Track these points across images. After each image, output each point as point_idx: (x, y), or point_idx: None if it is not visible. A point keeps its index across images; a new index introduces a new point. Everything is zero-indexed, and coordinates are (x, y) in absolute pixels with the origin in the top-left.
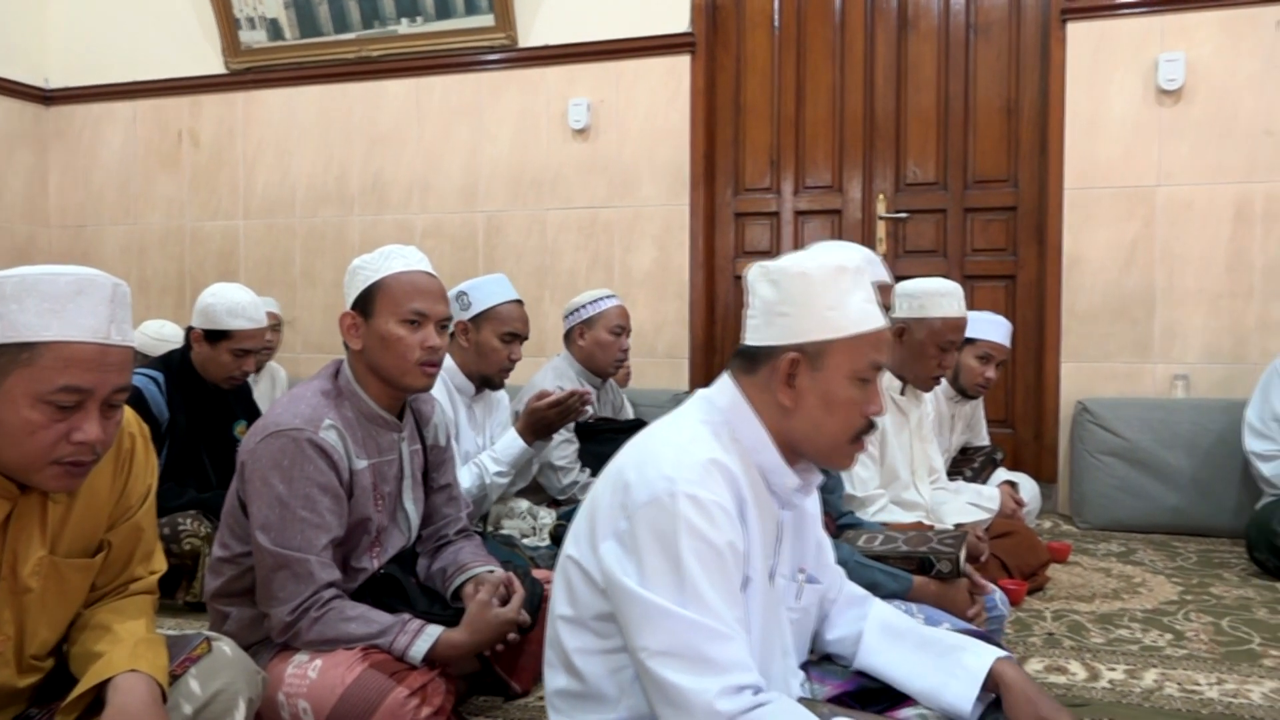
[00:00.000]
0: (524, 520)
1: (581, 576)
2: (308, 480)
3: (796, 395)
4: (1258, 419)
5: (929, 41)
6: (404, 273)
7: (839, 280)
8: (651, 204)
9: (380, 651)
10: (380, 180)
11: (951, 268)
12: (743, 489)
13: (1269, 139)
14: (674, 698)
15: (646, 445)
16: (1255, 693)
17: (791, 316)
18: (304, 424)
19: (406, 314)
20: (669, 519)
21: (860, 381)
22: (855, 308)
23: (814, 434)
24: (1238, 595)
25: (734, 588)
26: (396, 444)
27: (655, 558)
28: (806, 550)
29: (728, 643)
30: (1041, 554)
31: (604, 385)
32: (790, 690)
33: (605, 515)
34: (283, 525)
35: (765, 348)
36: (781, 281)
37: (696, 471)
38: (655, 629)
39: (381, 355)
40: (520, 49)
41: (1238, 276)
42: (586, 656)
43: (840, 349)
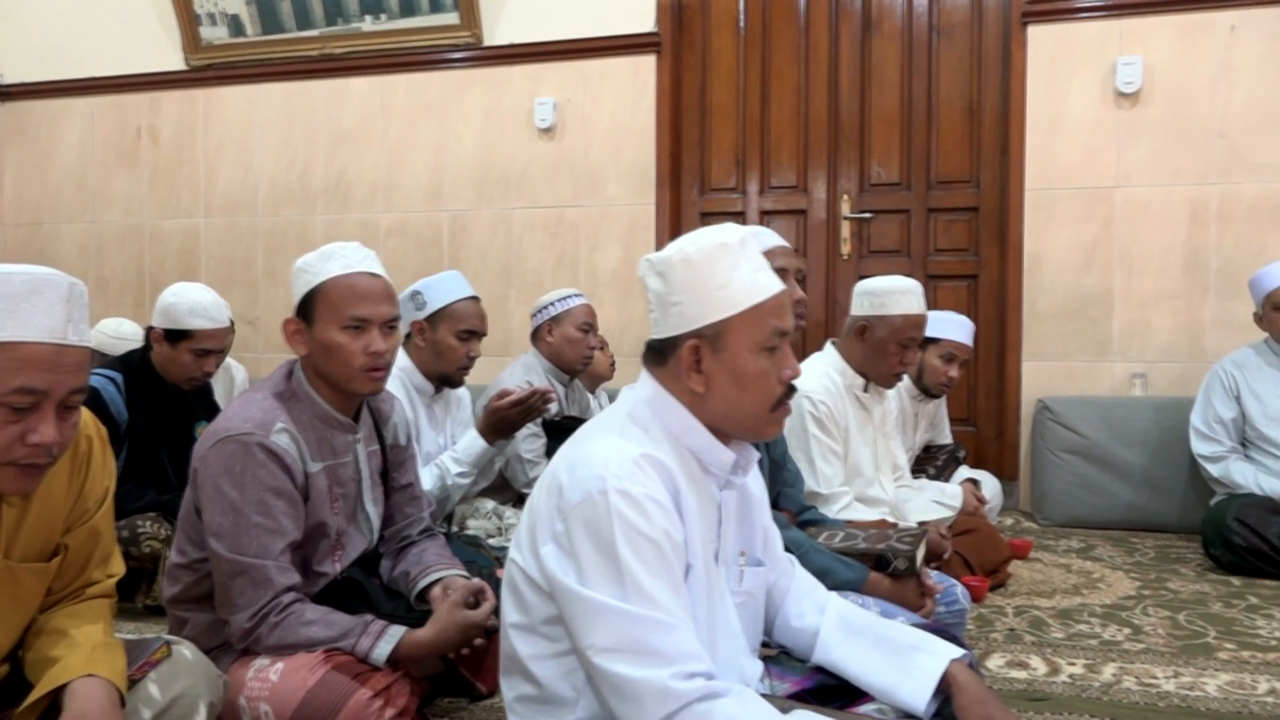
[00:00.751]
0: (489, 520)
1: (527, 582)
2: (260, 485)
3: (706, 379)
4: (1202, 423)
5: (892, 43)
6: (343, 276)
7: (722, 258)
8: (617, 203)
9: (343, 654)
10: (344, 179)
11: (915, 267)
12: (676, 479)
13: (1223, 142)
14: (626, 690)
15: (577, 447)
16: (1210, 685)
17: (683, 304)
18: (255, 428)
19: (347, 320)
20: (603, 516)
21: (767, 351)
22: (743, 281)
23: (733, 412)
24: (1194, 590)
25: (676, 577)
26: (352, 446)
27: (593, 556)
28: (753, 534)
29: (674, 633)
30: (1003, 551)
31: (571, 383)
32: (745, 675)
33: (543, 519)
34: (237, 532)
35: (668, 339)
36: (666, 272)
37: (626, 467)
38: (600, 626)
39: (326, 362)
40: (486, 47)
41: (1193, 276)
42: (540, 661)
43: (738, 325)
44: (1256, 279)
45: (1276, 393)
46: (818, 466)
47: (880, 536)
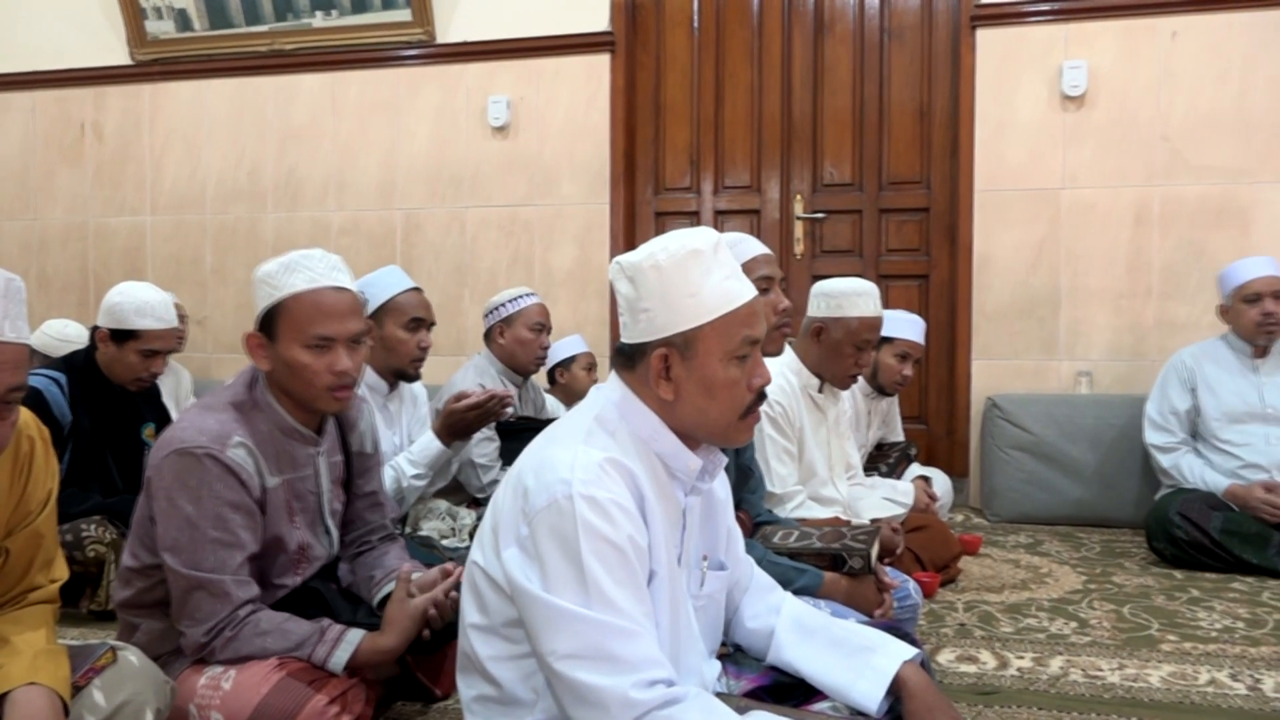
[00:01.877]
0: (443, 521)
1: (489, 584)
2: (217, 499)
3: (675, 386)
4: (1157, 413)
5: (845, 45)
6: (307, 292)
7: (694, 264)
8: (572, 202)
9: (298, 661)
10: (294, 176)
11: (867, 267)
12: (641, 484)
13: (1165, 145)
14: (587, 697)
15: (543, 449)
16: (1154, 676)
17: (653, 311)
18: (210, 441)
19: (310, 340)
20: (568, 521)
21: (738, 359)
22: (715, 289)
23: (701, 419)
24: (1138, 583)
25: (639, 584)
26: (313, 459)
27: (557, 561)
28: (716, 537)
29: (636, 640)
30: (954, 547)
31: (525, 384)
32: (704, 678)
33: (507, 521)
34: (194, 547)
35: (637, 345)
36: (636, 277)
37: (592, 472)
38: (562, 632)
39: (290, 381)
40: (438, 45)
41: (1137, 277)
42: (499, 663)
43: (708, 334)
44: (1228, 272)
45: (1232, 388)
46: (772, 467)
47: (834, 535)
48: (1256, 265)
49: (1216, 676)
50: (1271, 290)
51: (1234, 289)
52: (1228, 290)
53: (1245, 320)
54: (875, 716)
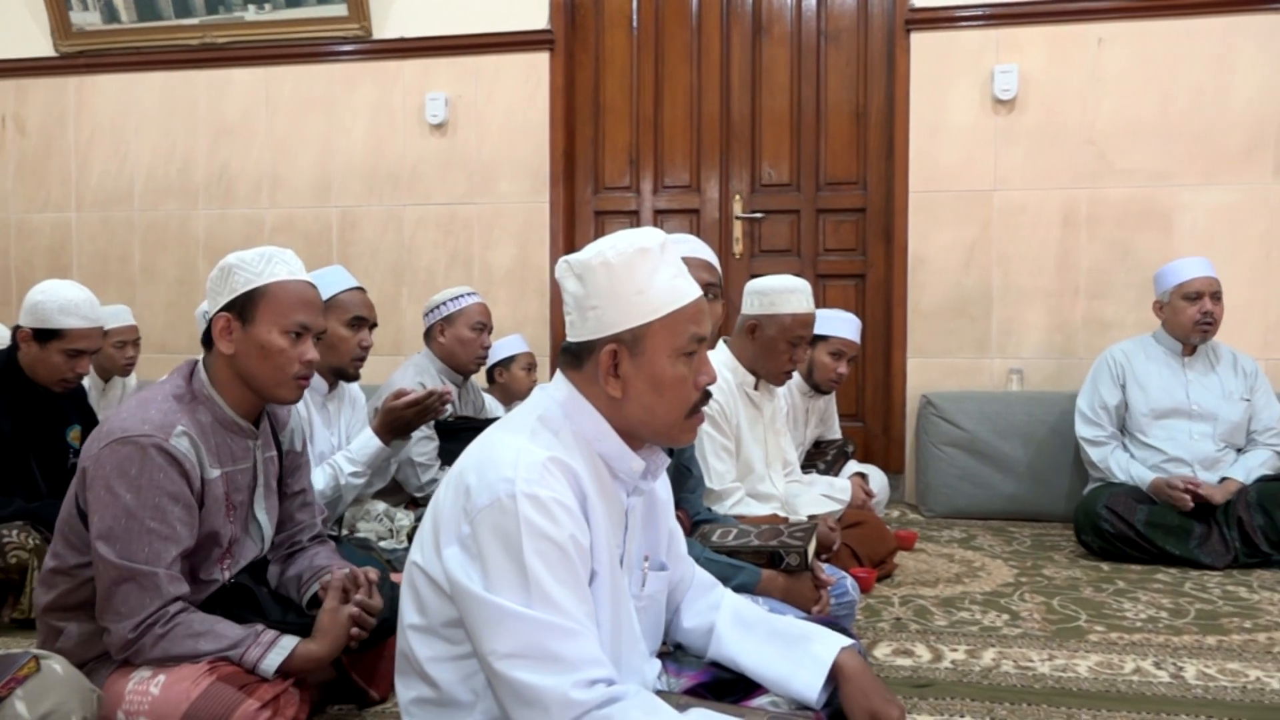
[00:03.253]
0: (380, 522)
1: (428, 584)
2: (157, 489)
3: (623, 384)
4: (1088, 407)
5: (782, 46)
6: (289, 281)
7: (642, 262)
8: (511, 201)
9: (229, 664)
10: (227, 172)
11: (805, 267)
12: (584, 484)
13: (1092, 148)
14: (528, 697)
15: (485, 448)
16: (1082, 666)
17: (601, 308)
18: (154, 430)
19: (291, 326)
20: (510, 520)
21: (685, 356)
22: (663, 287)
23: (649, 417)
24: (1067, 576)
25: (581, 583)
26: (251, 451)
27: (499, 560)
28: (658, 538)
29: (577, 639)
30: (890, 542)
31: (465, 383)
32: (646, 679)
33: (448, 520)
34: (129, 536)
35: (585, 343)
36: (585, 275)
37: (535, 471)
38: (503, 631)
39: (257, 364)
40: (375, 40)
41: (1065, 276)
42: (438, 664)
43: (656, 331)
44: (1167, 270)
45: (1161, 384)
46: (710, 464)
47: (772, 532)
48: (1196, 265)
49: (1141, 665)
50: (1211, 290)
51: (1174, 286)
52: (1166, 287)
53: (1183, 318)
54: (815, 707)
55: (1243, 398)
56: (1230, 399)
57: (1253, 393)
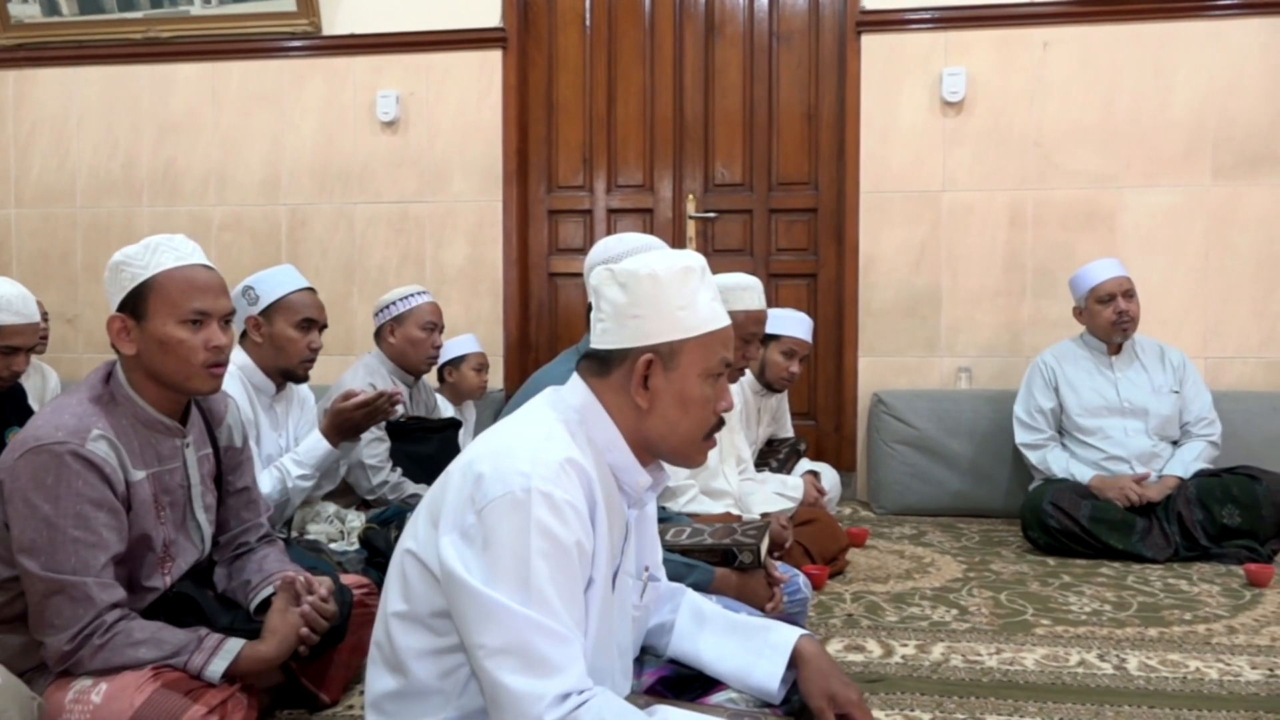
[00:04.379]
0: (331, 524)
1: (419, 570)
2: (77, 497)
3: (652, 395)
4: (1025, 413)
5: (735, 47)
6: (178, 268)
7: (688, 280)
8: (464, 199)
9: (174, 670)
10: (172, 169)
11: (757, 266)
12: (595, 490)
13: (1037, 150)
14: (504, 700)
15: (502, 439)
16: (1029, 659)
17: (644, 318)
18: (68, 436)
19: (187, 314)
20: (521, 515)
21: (712, 378)
22: (704, 307)
23: (669, 433)
24: (1014, 571)
25: (577, 589)
26: (180, 450)
27: (503, 554)
28: (647, 548)
29: (565, 645)
30: (841, 539)
31: (416, 383)
32: (620, 689)
33: (452, 507)
34: (53, 548)
35: (619, 350)
36: (630, 284)
37: (552, 469)
38: (495, 626)
39: (161, 360)
40: (324, 37)
41: (1012, 276)
42: (418, 657)
43: (693, 348)
44: (1079, 275)
45: (1090, 384)
46: None
47: (725, 530)
48: (1106, 267)
49: (1086, 657)
50: (1122, 290)
51: (1087, 291)
52: (1081, 292)
53: (1101, 320)
54: (775, 699)
55: (1172, 390)
56: (1160, 393)
57: (1181, 384)
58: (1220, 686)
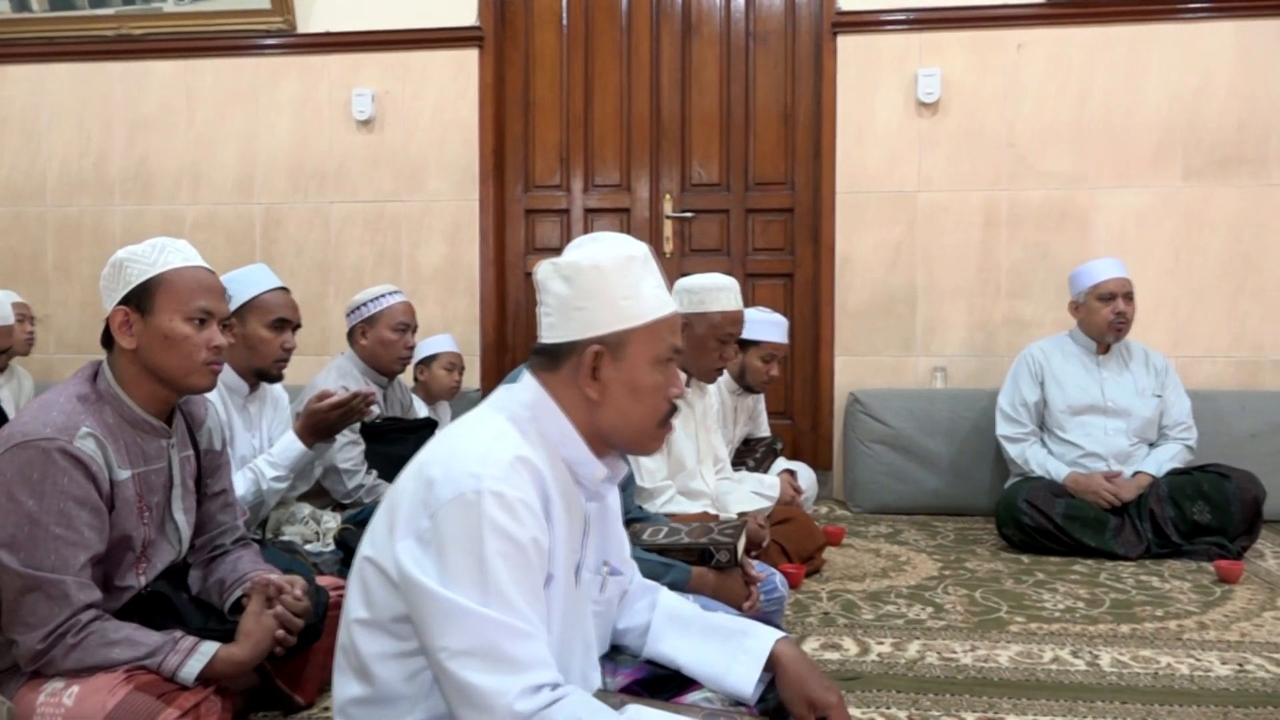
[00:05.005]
0: (306, 525)
1: (379, 577)
2: (62, 494)
3: (602, 386)
4: (1008, 404)
5: (712, 47)
6: (186, 268)
7: (631, 269)
8: (440, 199)
9: (148, 672)
10: (145, 167)
11: (734, 266)
12: (548, 486)
13: (1011, 151)
14: (474, 698)
15: (451, 442)
16: (1003, 656)
17: (589, 310)
18: (56, 433)
19: (193, 312)
20: (474, 516)
21: (661, 365)
22: (650, 295)
23: (623, 423)
24: (989, 568)
25: (537, 585)
26: (165, 451)
27: (458, 556)
28: (610, 543)
29: (529, 641)
30: (818, 538)
31: (391, 384)
32: (590, 684)
33: (406, 513)
34: (33, 544)
35: (566, 343)
36: (575, 277)
37: (502, 468)
38: (456, 628)
39: (164, 355)
40: (300, 34)
41: (987, 276)
42: (383, 661)
43: (640, 336)
44: (1081, 271)
45: (1077, 381)
46: (642, 461)
47: (702, 530)
48: (1109, 266)
49: (1059, 654)
50: (1124, 291)
51: (1089, 287)
52: (1081, 288)
53: (1098, 318)
54: (749, 701)
55: (1154, 394)
56: (1143, 395)
57: (1163, 389)
58: (1191, 682)
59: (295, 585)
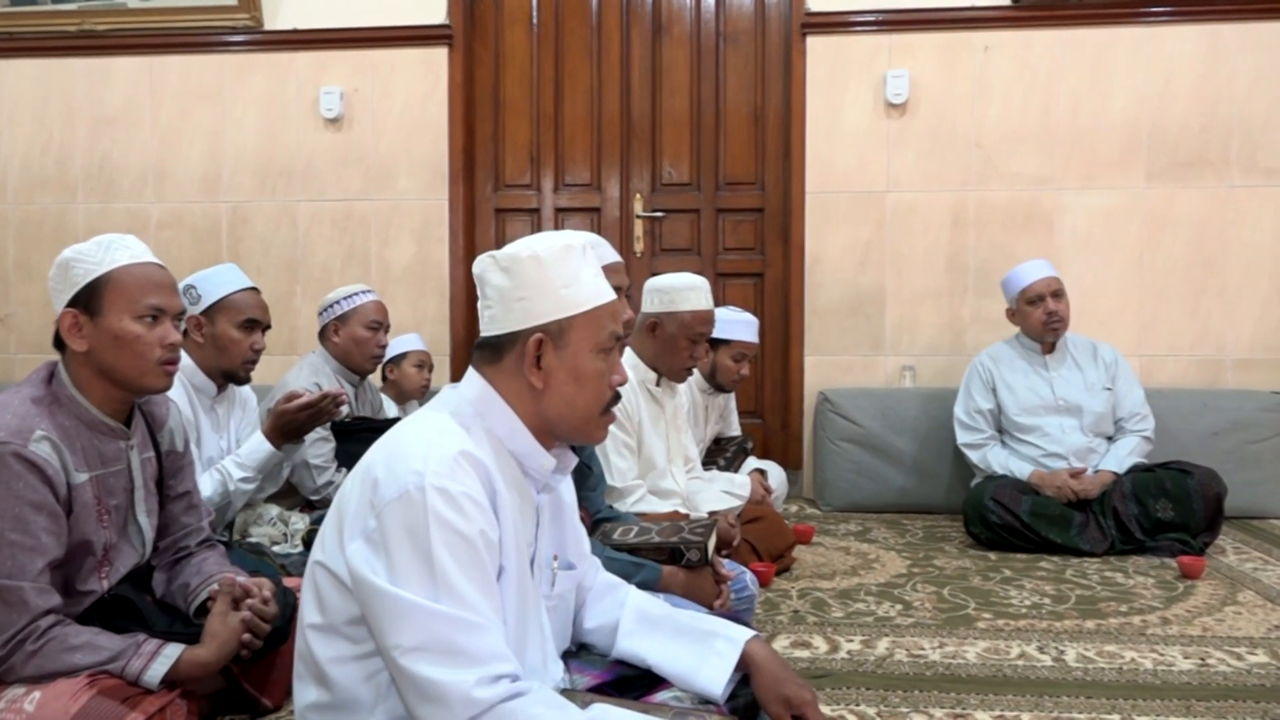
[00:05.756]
0: (274, 527)
1: (331, 581)
2: (17, 499)
3: (546, 375)
4: (964, 414)
5: (682, 47)
6: (134, 265)
7: (569, 259)
8: (410, 197)
9: (111, 677)
10: (108, 165)
11: (705, 265)
12: (494, 479)
13: (979, 152)
14: (430, 692)
15: (394, 442)
16: (971, 653)
17: (530, 300)
18: (10, 436)
19: (143, 310)
20: (419, 513)
21: (603, 353)
22: (589, 283)
23: (568, 411)
24: (957, 566)
25: (489, 578)
26: (124, 453)
27: (406, 553)
28: (565, 537)
29: (483, 634)
30: (788, 537)
31: (361, 383)
32: (551, 678)
33: (353, 515)
34: None
35: (508, 334)
36: (513, 268)
37: (445, 464)
38: (408, 625)
39: (116, 356)
40: (266, 31)
41: (955, 276)
42: (339, 665)
43: (581, 324)
44: (1010, 278)
45: (1027, 384)
46: (613, 461)
47: (673, 529)
48: (1034, 269)
49: (1026, 650)
50: (1051, 290)
51: (1017, 293)
52: (1012, 294)
53: (1032, 321)
54: (719, 701)
55: (1105, 387)
56: (1093, 390)
57: (1114, 381)
58: (1154, 676)
59: (262, 587)
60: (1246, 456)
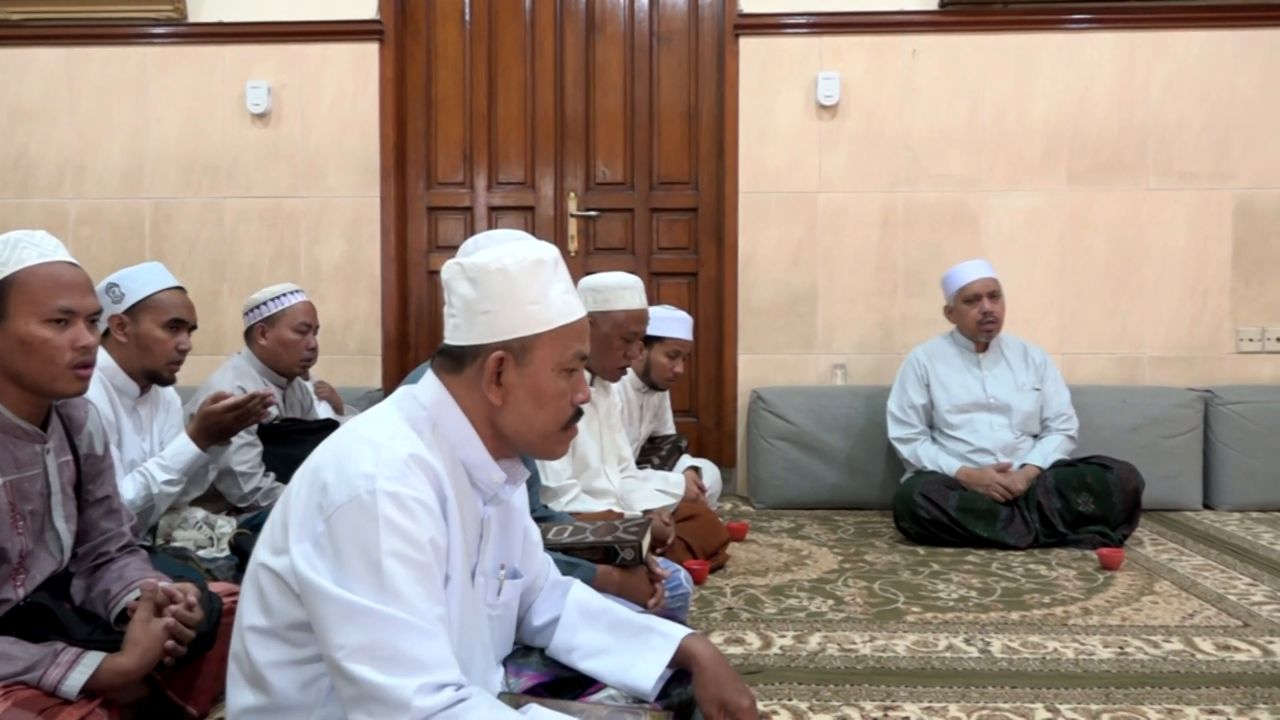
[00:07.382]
0: (200, 530)
1: (275, 584)
2: None
3: (505, 392)
4: (897, 408)
5: (616, 46)
6: (41, 265)
7: (539, 274)
8: (340, 195)
9: (27, 687)
10: (24, 159)
11: (639, 265)
12: (445, 485)
13: (908, 154)
14: (370, 695)
15: (345, 443)
16: (900, 646)
17: (494, 314)
18: None
19: (52, 313)
20: (369, 518)
21: (567, 372)
22: (557, 300)
23: (525, 428)
24: (887, 560)
25: (436, 585)
26: (40, 456)
27: (354, 558)
28: (513, 545)
29: (429, 640)
30: (722, 534)
31: (290, 384)
32: (490, 687)
33: (300, 518)
34: None
35: (470, 346)
36: (480, 279)
37: (397, 468)
38: (352, 627)
39: (25, 361)
40: (191, 24)
41: (884, 276)
42: (278, 669)
43: (545, 343)
44: (949, 276)
45: (960, 381)
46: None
47: (607, 528)
48: (973, 269)
49: (953, 642)
50: (988, 291)
51: (955, 291)
52: (950, 293)
53: (967, 320)
54: (649, 698)
55: (1034, 388)
56: (1023, 390)
57: (1043, 382)
58: (1076, 665)
59: (187, 593)
60: (1163, 451)
